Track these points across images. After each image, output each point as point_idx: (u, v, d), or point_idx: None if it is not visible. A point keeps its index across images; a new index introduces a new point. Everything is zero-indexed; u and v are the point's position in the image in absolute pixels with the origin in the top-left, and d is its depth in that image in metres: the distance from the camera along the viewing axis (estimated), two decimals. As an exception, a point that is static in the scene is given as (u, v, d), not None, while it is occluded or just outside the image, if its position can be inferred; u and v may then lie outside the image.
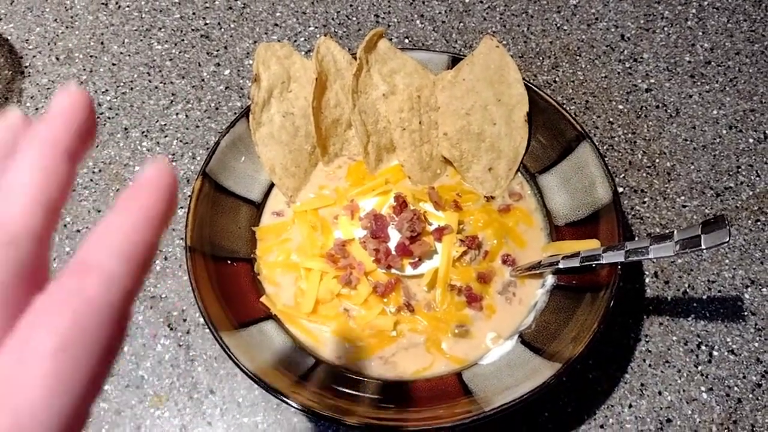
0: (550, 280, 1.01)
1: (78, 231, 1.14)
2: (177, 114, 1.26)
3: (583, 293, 0.95)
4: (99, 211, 1.15)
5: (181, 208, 1.15)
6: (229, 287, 0.98)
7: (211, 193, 1.02)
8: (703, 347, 1.04)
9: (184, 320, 1.06)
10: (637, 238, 1.13)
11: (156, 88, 1.30)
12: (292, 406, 0.84)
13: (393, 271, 1.00)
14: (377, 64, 1.09)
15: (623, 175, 1.19)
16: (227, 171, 1.05)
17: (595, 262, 0.90)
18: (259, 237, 1.06)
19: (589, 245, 0.96)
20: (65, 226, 1.14)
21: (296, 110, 1.08)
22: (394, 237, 1.01)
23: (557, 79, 1.31)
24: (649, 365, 1.02)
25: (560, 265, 0.95)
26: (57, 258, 1.11)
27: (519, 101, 1.08)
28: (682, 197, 1.17)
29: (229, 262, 1.01)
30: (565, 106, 1.24)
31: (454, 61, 1.12)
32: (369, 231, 1.02)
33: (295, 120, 1.08)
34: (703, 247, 0.78)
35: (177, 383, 1.01)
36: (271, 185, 1.09)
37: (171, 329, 1.05)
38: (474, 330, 0.98)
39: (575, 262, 0.93)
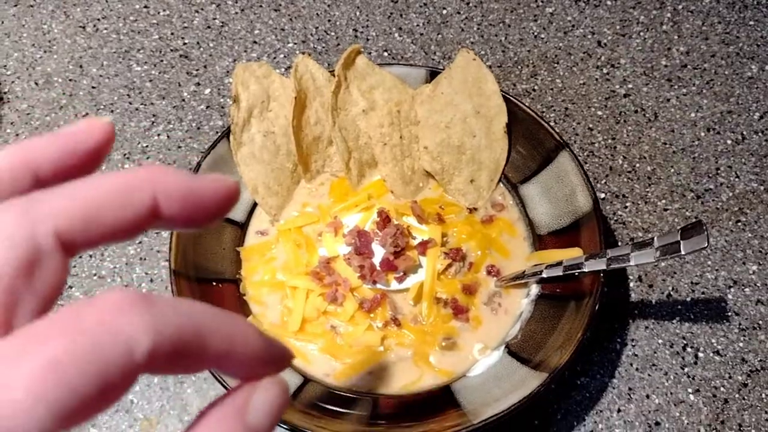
0: (535, 289, 1.02)
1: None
2: (158, 135, 1.27)
3: (567, 302, 0.96)
4: (84, 236, 1.15)
5: (166, 229, 1.16)
6: (215, 309, 0.98)
7: (194, 215, 1.02)
8: (689, 349, 1.05)
9: (173, 342, 1.06)
10: (619, 244, 1.13)
11: (137, 109, 1.30)
12: (282, 427, 0.84)
13: (378, 286, 1.01)
14: (356, 80, 1.09)
15: (604, 180, 1.20)
16: (210, 192, 1.05)
17: (578, 271, 0.91)
18: (243, 257, 1.06)
19: (571, 254, 0.97)
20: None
21: (277, 129, 1.08)
22: (379, 252, 1.02)
23: (536, 87, 1.32)
24: (636, 369, 1.03)
25: (544, 275, 0.96)
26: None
27: (498, 112, 1.09)
28: (663, 201, 1.18)
29: (214, 283, 1.01)
30: (544, 114, 1.25)
31: (432, 74, 1.13)
32: (353, 247, 1.02)
33: (275, 139, 1.08)
34: (682, 252, 0.79)
35: (167, 406, 1.01)
36: (254, 204, 1.10)
37: (159, 352, 1.05)
38: (461, 342, 0.99)
39: (558, 271, 0.94)
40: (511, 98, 1.09)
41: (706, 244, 0.78)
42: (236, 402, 0.35)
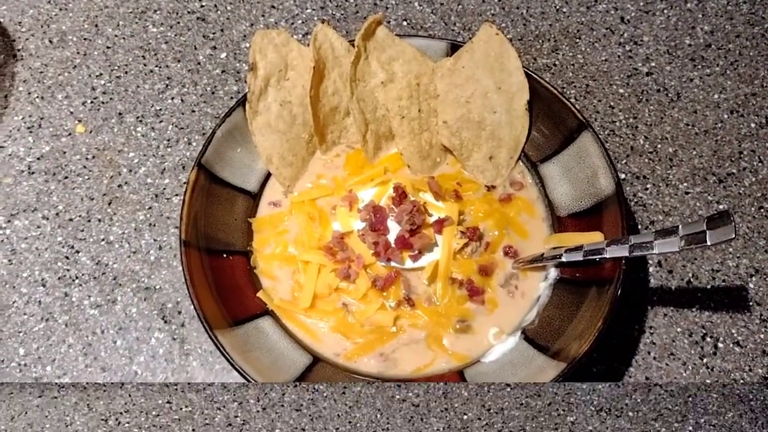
0: (553, 273, 1.00)
1: (70, 219, 1.12)
2: (172, 98, 1.24)
3: (587, 288, 0.94)
4: (92, 199, 1.13)
5: (176, 195, 1.14)
6: (224, 282, 0.96)
7: (206, 185, 1.00)
8: (708, 339, 1.03)
9: (179, 312, 1.04)
10: (639, 227, 1.11)
11: (151, 71, 1.27)
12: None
13: (392, 264, 0.99)
14: (376, 51, 1.07)
15: (625, 161, 1.17)
16: (223, 161, 1.03)
17: (599, 257, 0.89)
18: (255, 228, 1.04)
19: (592, 238, 0.95)
20: (57, 214, 1.12)
21: (293, 98, 1.06)
22: (394, 229, 1.00)
23: (557, 62, 1.29)
24: (654, 358, 1.01)
25: (563, 259, 0.94)
26: (49, 248, 1.09)
27: (519, 89, 1.06)
28: (685, 184, 1.15)
29: (224, 255, 1.00)
30: (565, 91, 1.22)
31: (453, 48, 1.09)
32: (368, 223, 1.00)
33: (292, 108, 1.06)
34: (708, 243, 0.77)
35: (171, 379, 1.00)
36: (268, 175, 1.07)
37: (165, 322, 1.04)
38: (476, 325, 0.97)
39: (578, 256, 0.92)
40: (534, 75, 1.06)
41: (734, 236, 0.76)
42: None
